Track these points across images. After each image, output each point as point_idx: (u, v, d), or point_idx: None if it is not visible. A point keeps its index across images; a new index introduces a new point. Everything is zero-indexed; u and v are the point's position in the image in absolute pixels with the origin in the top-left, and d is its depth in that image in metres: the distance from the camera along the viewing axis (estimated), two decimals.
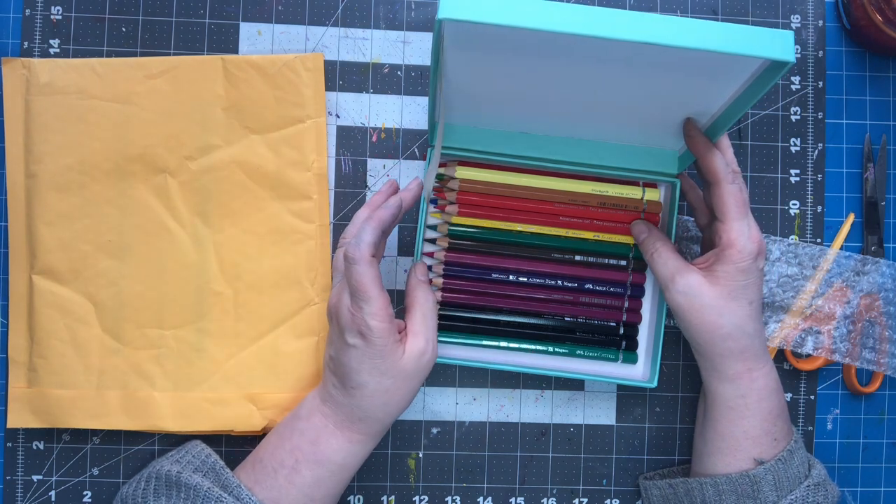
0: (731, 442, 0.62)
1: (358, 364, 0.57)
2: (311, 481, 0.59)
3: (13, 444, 0.68)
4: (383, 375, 0.57)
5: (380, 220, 0.57)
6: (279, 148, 0.68)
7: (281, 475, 0.59)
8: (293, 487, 0.59)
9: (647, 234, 0.65)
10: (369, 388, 0.57)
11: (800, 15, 0.73)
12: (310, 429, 0.60)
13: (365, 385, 0.57)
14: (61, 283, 0.67)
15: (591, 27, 0.47)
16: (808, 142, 0.72)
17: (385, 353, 0.57)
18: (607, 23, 0.47)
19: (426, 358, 0.59)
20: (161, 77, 0.68)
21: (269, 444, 0.61)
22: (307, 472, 0.59)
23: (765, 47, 0.48)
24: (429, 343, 0.59)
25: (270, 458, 0.60)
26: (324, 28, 0.70)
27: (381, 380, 0.57)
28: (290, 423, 0.61)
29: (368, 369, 0.57)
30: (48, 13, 0.69)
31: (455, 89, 0.61)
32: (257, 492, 0.59)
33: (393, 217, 0.58)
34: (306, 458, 0.59)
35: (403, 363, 0.58)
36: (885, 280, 0.70)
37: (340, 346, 0.58)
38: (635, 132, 0.65)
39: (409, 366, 0.58)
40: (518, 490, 0.71)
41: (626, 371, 0.70)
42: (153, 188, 0.68)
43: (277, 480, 0.59)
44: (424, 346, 0.59)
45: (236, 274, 0.68)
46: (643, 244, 0.66)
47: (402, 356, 0.58)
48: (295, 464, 0.59)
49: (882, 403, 0.73)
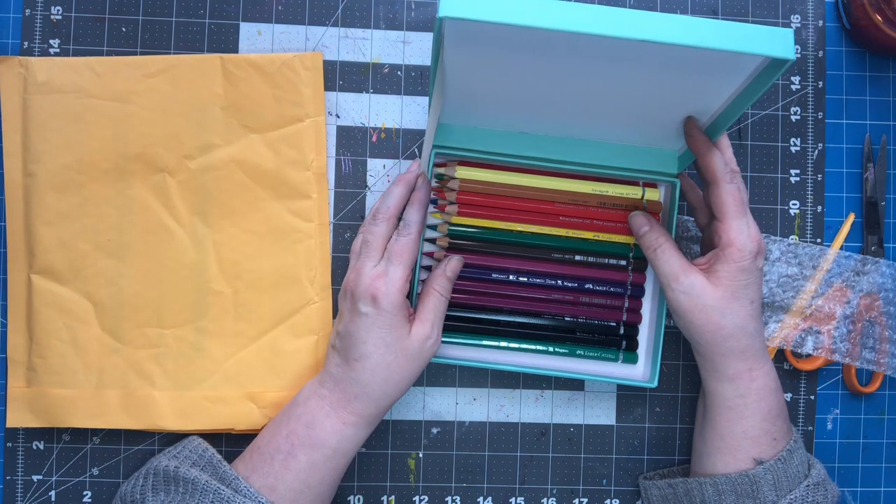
0: (730, 442, 0.62)
1: (366, 333, 0.59)
2: (306, 465, 0.60)
3: (13, 444, 0.68)
4: (388, 349, 0.60)
5: (420, 201, 0.63)
6: (278, 147, 0.68)
7: (277, 461, 0.60)
8: (289, 473, 0.59)
9: (648, 228, 0.65)
10: (372, 359, 0.59)
11: (800, 15, 0.73)
12: (306, 413, 0.61)
13: (368, 356, 0.59)
14: (60, 282, 0.67)
15: (591, 25, 0.47)
16: (808, 142, 0.72)
17: (393, 324, 0.59)
18: (608, 21, 0.47)
19: (429, 343, 0.61)
20: (160, 76, 0.68)
21: (267, 432, 0.62)
22: (302, 456, 0.60)
23: (765, 45, 0.48)
24: (433, 330, 0.62)
25: (267, 445, 0.61)
26: (324, 28, 0.70)
27: (384, 353, 0.60)
28: (286, 410, 0.62)
29: (374, 340, 0.59)
30: (48, 13, 0.69)
31: (455, 88, 0.61)
32: (253, 480, 0.59)
33: (426, 195, 0.64)
34: (301, 443, 0.60)
35: (409, 342, 0.60)
36: (884, 280, 0.70)
37: (351, 318, 0.60)
38: (635, 132, 0.65)
39: (413, 346, 0.60)
40: (518, 490, 0.71)
41: (626, 371, 0.70)
42: (152, 187, 0.68)
43: (273, 467, 0.59)
44: (430, 331, 0.61)
45: (236, 273, 0.68)
46: (644, 238, 0.65)
47: (407, 334, 0.60)
48: (291, 448, 0.60)
49: (882, 403, 0.72)
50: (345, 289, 0.62)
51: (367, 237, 0.62)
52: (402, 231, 0.62)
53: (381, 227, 0.62)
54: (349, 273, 0.63)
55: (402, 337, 0.60)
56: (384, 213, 0.63)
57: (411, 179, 0.64)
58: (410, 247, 0.61)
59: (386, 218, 0.63)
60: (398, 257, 0.60)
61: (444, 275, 0.64)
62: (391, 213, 0.63)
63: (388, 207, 0.63)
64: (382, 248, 0.62)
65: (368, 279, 0.60)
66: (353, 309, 0.60)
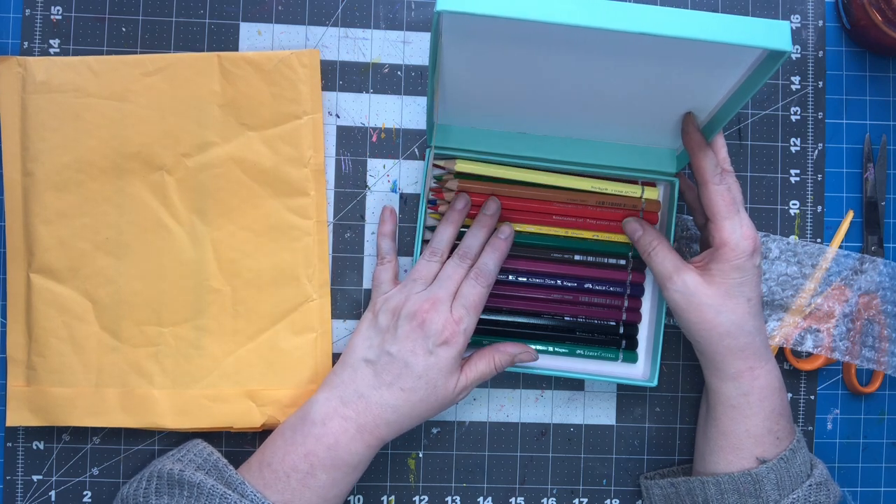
0: (733, 440, 0.62)
1: (424, 370, 0.60)
2: (326, 483, 0.59)
3: (13, 443, 0.68)
4: (435, 389, 0.61)
5: (502, 252, 0.65)
6: (276, 144, 0.68)
7: (294, 479, 0.59)
8: (307, 490, 0.59)
9: (641, 231, 0.66)
10: (419, 394, 0.60)
11: (800, 15, 0.73)
12: (327, 434, 0.60)
13: (416, 390, 0.60)
14: (59, 281, 0.67)
15: (589, 18, 0.47)
16: (808, 142, 0.72)
17: (451, 370, 0.61)
18: (606, 14, 0.48)
19: (463, 395, 0.63)
20: (157, 74, 0.68)
21: (277, 447, 0.61)
22: (323, 475, 0.59)
23: (762, 37, 0.48)
24: (470, 388, 0.63)
25: (281, 463, 0.59)
26: (324, 28, 0.70)
27: (431, 392, 0.61)
28: (300, 428, 0.61)
29: (429, 378, 0.60)
30: (48, 13, 0.69)
31: (453, 87, 0.61)
32: (268, 495, 0.58)
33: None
34: (322, 464, 0.59)
35: (451, 389, 0.62)
36: (882, 279, 0.70)
37: (412, 348, 0.60)
38: (633, 131, 0.65)
39: (452, 394, 0.62)
40: (518, 490, 0.71)
41: (626, 370, 0.70)
42: (150, 186, 0.68)
43: (290, 484, 0.59)
44: (469, 388, 0.63)
45: (234, 271, 0.68)
46: (639, 242, 0.66)
47: (455, 383, 0.62)
48: (310, 468, 0.59)
49: (882, 403, 0.72)
50: (395, 310, 0.62)
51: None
52: (481, 279, 0.63)
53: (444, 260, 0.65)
54: (398, 293, 0.63)
55: (450, 383, 0.61)
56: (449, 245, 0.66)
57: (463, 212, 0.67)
58: (485, 298, 0.63)
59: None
60: (476, 309, 0.62)
61: (511, 357, 0.65)
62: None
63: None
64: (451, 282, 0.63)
65: (444, 320, 0.60)
66: (412, 337, 0.60)
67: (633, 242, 0.67)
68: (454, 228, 0.65)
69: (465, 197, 0.66)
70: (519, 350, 0.65)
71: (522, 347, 0.65)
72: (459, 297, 0.62)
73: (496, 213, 0.66)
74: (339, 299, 0.70)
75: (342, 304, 0.70)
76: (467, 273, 0.63)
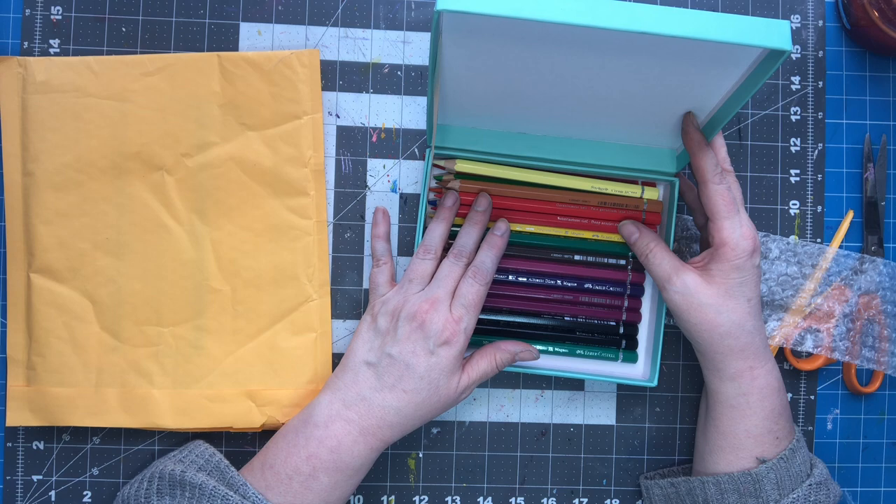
0: (732, 440, 0.62)
1: (426, 371, 0.60)
2: (328, 485, 0.59)
3: (13, 443, 0.68)
4: (438, 390, 0.61)
5: (499, 248, 0.65)
6: (276, 144, 0.68)
7: (296, 481, 0.59)
8: (310, 492, 0.59)
9: (638, 234, 0.66)
10: (421, 395, 0.60)
11: (800, 15, 0.73)
12: (329, 437, 0.60)
13: (419, 391, 0.60)
14: (59, 281, 0.67)
15: (589, 17, 0.47)
16: (808, 142, 0.72)
17: (453, 370, 0.61)
18: (606, 13, 0.48)
19: (465, 395, 0.63)
20: (157, 74, 0.68)
21: (280, 449, 0.60)
22: (325, 478, 0.59)
23: (762, 37, 0.48)
24: (473, 387, 0.63)
25: (283, 464, 0.59)
26: (324, 28, 0.70)
27: (434, 392, 0.61)
28: (303, 430, 0.60)
29: (431, 378, 0.60)
30: (48, 13, 0.69)
31: (453, 87, 0.61)
32: (270, 497, 0.58)
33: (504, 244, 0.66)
34: (324, 466, 0.59)
35: (454, 389, 0.62)
36: (882, 279, 0.70)
37: (413, 349, 0.60)
38: (633, 131, 0.65)
39: (455, 393, 0.62)
40: (518, 490, 0.71)
41: (626, 370, 0.70)
42: (150, 186, 0.68)
43: (292, 486, 0.59)
44: (471, 386, 0.63)
45: (234, 271, 0.68)
46: (636, 245, 0.66)
47: (457, 382, 0.62)
48: (312, 471, 0.59)
49: (882, 403, 0.72)
50: (395, 312, 0.62)
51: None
52: (479, 278, 0.63)
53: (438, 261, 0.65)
54: (413, 298, 0.62)
55: (452, 383, 0.61)
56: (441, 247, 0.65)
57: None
58: (484, 296, 0.63)
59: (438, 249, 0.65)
60: (475, 308, 0.62)
61: (513, 356, 0.64)
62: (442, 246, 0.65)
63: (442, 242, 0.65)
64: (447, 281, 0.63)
65: (444, 320, 0.60)
66: (413, 338, 0.60)
67: (629, 245, 0.67)
68: (446, 225, 0.65)
69: (455, 193, 0.66)
70: (520, 348, 0.65)
71: (524, 345, 0.65)
72: (458, 296, 0.62)
73: (488, 209, 0.66)
74: (338, 299, 0.70)
75: (342, 304, 0.70)
76: (464, 271, 0.63)
